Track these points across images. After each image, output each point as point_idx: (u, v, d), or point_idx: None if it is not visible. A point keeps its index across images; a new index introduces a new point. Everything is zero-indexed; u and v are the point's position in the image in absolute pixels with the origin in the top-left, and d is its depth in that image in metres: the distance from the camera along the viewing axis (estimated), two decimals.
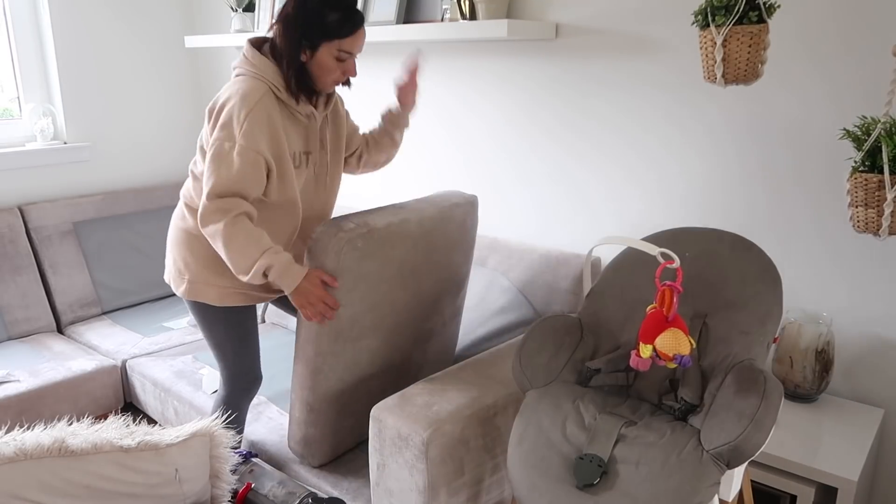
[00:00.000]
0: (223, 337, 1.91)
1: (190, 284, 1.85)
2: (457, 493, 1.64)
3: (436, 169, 2.64)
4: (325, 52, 1.68)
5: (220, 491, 1.58)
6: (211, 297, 1.85)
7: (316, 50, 1.68)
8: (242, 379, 1.95)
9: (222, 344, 1.92)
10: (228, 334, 1.91)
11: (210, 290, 1.85)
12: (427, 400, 1.67)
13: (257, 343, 1.97)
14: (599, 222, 2.25)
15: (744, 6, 1.47)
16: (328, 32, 1.66)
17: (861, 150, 1.47)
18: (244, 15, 2.95)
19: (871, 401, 1.86)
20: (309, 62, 1.70)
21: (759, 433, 1.30)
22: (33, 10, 2.97)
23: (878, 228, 1.46)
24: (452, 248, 1.96)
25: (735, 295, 1.52)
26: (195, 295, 1.85)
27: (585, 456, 1.39)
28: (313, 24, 1.66)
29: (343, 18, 1.66)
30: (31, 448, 1.33)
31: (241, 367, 1.94)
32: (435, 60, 2.54)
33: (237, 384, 1.95)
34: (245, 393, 1.98)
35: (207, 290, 1.85)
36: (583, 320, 1.65)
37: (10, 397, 2.28)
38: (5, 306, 2.71)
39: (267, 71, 1.70)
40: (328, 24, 1.66)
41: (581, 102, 2.20)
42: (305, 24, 1.66)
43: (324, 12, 1.65)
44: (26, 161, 2.92)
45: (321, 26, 1.66)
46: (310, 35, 1.67)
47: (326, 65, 1.70)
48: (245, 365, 1.95)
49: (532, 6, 2.23)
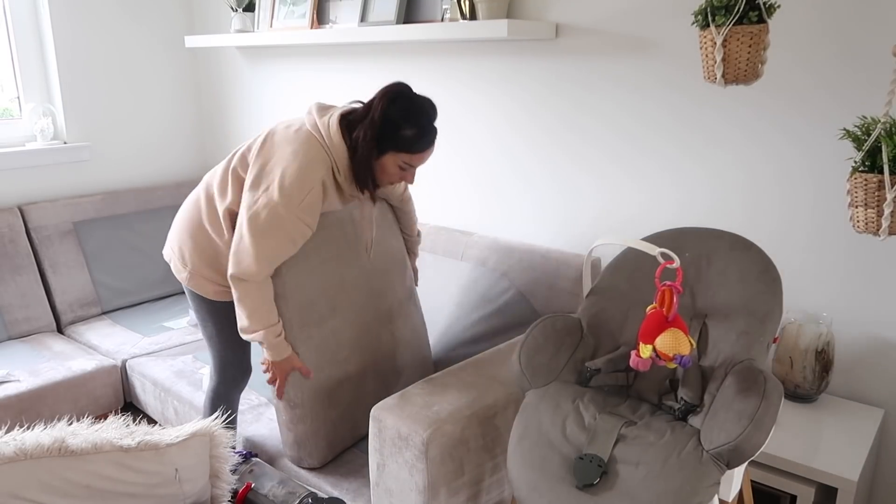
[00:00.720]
0: (215, 329, 1.97)
1: (190, 274, 1.90)
2: (457, 493, 1.64)
3: (436, 169, 2.64)
4: (391, 159, 1.75)
5: (220, 491, 1.58)
6: (208, 292, 1.91)
7: (383, 154, 1.75)
8: (231, 369, 2.01)
9: (214, 335, 1.98)
10: (221, 326, 1.96)
11: (208, 285, 1.90)
12: (427, 400, 1.67)
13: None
14: (599, 222, 2.25)
15: (744, 6, 1.47)
16: (400, 145, 1.73)
17: (861, 150, 1.47)
18: (244, 15, 2.96)
19: (871, 401, 1.86)
20: (374, 161, 1.76)
21: (759, 433, 1.30)
22: (33, 10, 2.97)
23: (877, 228, 1.46)
24: (387, 225, 2.05)
25: (735, 295, 1.52)
26: (195, 286, 1.91)
27: (585, 456, 1.39)
28: (389, 133, 1.72)
29: (417, 135, 1.73)
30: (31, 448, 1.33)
31: (231, 359, 2.00)
32: (435, 60, 2.54)
33: (226, 374, 2.01)
34: (234, 383, 2.03)
35: (206, 285, 1.90)
36: (583, 320, 1.65)
37: (10, 397, 2.28)
38: (5, 306, 2.71)
39: (338, 150, 1.75)
40: (402, 138, 1.72)
41: (581, 102, 2.20)
42: (383, 131, 1.72)
43: (401, 125, 1.72)
44: (26, 161, 2.92)
45: (395, 137, 1.72)
46: (383, 141, 1.73)
47: (388, 170, 1.78)
48: (235, 356, 2.00)
49: (532, 6, 2.23)
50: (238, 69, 3.25)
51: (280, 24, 2.82)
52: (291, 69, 3.02)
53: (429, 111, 1.75)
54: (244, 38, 2.83)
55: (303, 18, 2.73)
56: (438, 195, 2.66)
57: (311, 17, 2.69)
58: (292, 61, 3.01)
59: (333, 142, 1.74)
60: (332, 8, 2.66)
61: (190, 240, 1.89)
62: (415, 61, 2.59)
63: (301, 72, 2.98)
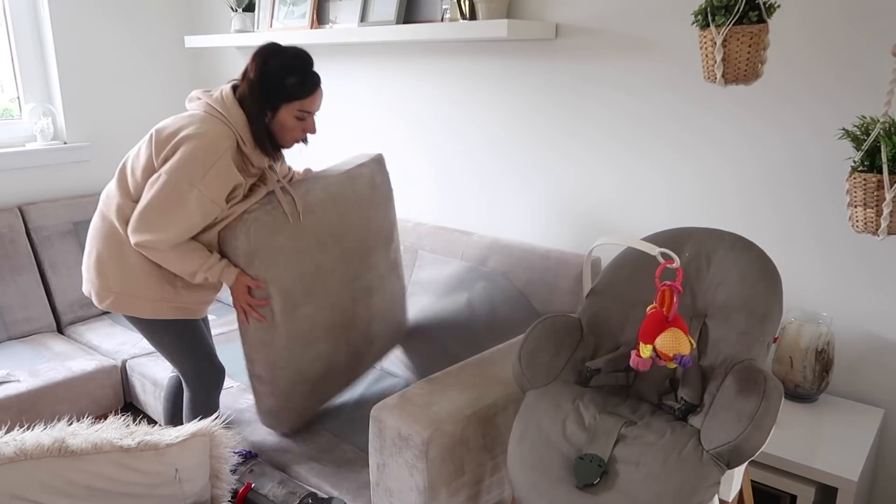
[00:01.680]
0: (172, 342, 1.93)
1: (118, 297, 1.85)
2: (457, 493, 1.64)
3: (436, 169, 2.64)
4: (286, 112, 1.80)
5: (220, 491, 1.58)
6: (145, 311, 1.86)
7: (277, 111, 1.78)
8: (205, 374, 1.98)
9: (174, 348, 1.94)
10: (177, 335, 1.93)
11: (142, 304, 1.86)
12: (427, 400, 1.67)
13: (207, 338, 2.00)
14: (599, 222, 2.25)
15: (744, 6, 1.47)
16: (289, 94, 1.77)
17: (860, 150, 1.47)
18: (244, 15, 2.96)
19: (871, 401, 1.86)
20: (270, 122, 1.79)
21: (759, 433, 1.30)
22: (33, 10, 2.97)
23: (877, 228, 1.46)
24: (367, 206, 2.07)
25: (735, 295, 1.52)
26: (129, 309, 1.86)
27: (585, 456, 1.39)
28: (274, 87, 1.76)
29: (301, 80, 1.78)
30: (31, 448, 1.33)
31: (202, 363, 1.97)
32: (435, 60, 2.54)
33: (202, 380, 1.98)
34: (213, 387, 2.00)
35: (138, 304, 1.85)
36: (583, 320, 1.65)
37: (10, 397, 2.28)
38: (5, 306, 2.71)
39: (238, 121, 1.77)
40: (287, 87, 1.77)
41: (581, 102, 2.20)
42: (267, 88, 1.76)
43: (283, 76, 1.76)
44: (26, 161, 2.92)
45: (281, 89, 1.77)
46: (271, 97, 1.77)
47: (287, 124, 1.81)
48: (205, 359, 1.97)
49: (532, 6, 2.23)
50: (238, 69, 3.25)
51: (280, 24, 2.82)
52: None
53: (304, 56, 1.80)
54: (244, 38, 2.83)
55: (303, 18, 2.73)
56: (438, 195, 2.66)
57: (310, 17, 2.69)
58: None
59: (231, 112, 1.76)
60: (332, 8, 2.66)
61: (117, 264, 1.83)
62: (415, 61, 2.59)
63: None
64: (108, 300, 1.86)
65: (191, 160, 1.70)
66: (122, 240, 1.82)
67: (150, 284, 1.84)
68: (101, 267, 1.86)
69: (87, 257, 1.91)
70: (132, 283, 1.84)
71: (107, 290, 1.86)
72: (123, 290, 1.84)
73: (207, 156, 1.70)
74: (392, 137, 2.75)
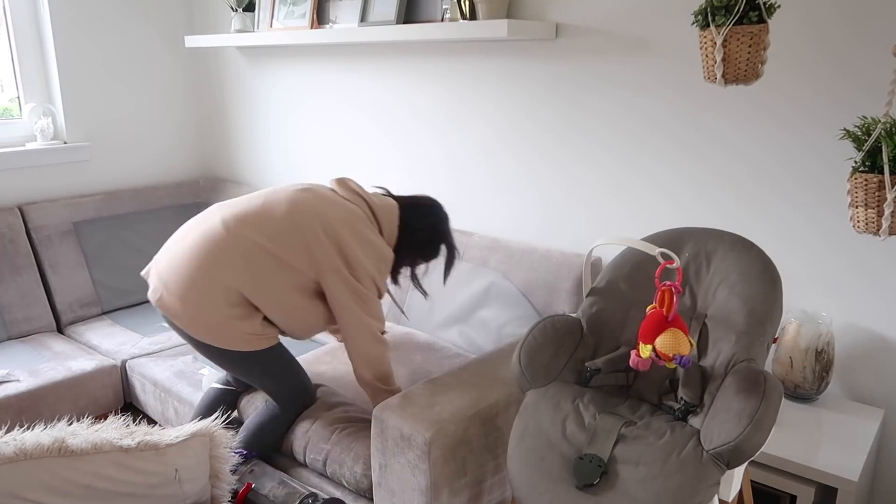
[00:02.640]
0: (279, 367, 1.94)
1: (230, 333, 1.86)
2: (459, 494, 1.64)
3: (435, 169, 2.64)
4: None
5: (220, 491, 1.58)
6: (251, 343, 1.87)
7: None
8: (304, 395, 1.98)
9: (280, 373, 1.94)
10: (284, 360, 1.95)
11: (251, 339, 1.87)
12: (429, 400, 1.67)
13: (293, 361, 2.00)
14: (600, 222, 2.25)
15: (744, 6, 1.47)
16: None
17: (861, 151, 1.47)
18: (244, 15, 2.96)
19: (871, 401, 1.86)
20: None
21: (759, 433, 1.30)
22: (33, 10, 2.97)
23: (878, 229, 1.46)
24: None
25: (735, 295, 1.52)
26: (237, 343, 1.86)
27: (585, 456, 1.39)
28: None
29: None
30: (31, 448, 1.33)
31: (304, 384, 1.99)
32: (435, 60, 2.54)
33: (300, 401, 1.98)
34: (304, 409, 2.00)
35: (246, 339, 1.87)
36: (583, 320, 1.65)
37: (10, 397, 2.28)
38: (5, 306, 2.71)
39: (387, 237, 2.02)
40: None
41: (581, 102, 2.20)
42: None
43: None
44: (26, 161, 2.92)
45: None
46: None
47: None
48: (306, 380, 2.00)
49: (532, 6, 2.23)
50: (238, 69, 3.25)
51: (280, 24, 2.82)
52: (291, 69, 3.02)
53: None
54: (244, 38, 2.83)
55: (303, 18, 2.73)
56: (438, 195, 2.66)
57: (311, 17, 2.69)
58: (292, 61, 3.01)
59: (388, 229, 2.00)
60: (332, 8, 2.66)
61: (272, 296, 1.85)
62: (415, 61, 2.59)
63: (301, 72, 2.98)
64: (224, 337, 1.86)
65: (379, 272, 1.96)
66: (279, 277, 1.89)
67: (244, 317, 1.88)
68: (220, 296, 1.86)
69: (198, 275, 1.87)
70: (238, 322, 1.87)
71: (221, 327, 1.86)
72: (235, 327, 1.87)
73: (384, 273, 1.98)
74: (392, 137, 2.74)
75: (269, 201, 1.90)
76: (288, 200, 1.89)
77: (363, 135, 2.84)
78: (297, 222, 1.85)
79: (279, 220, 1.86)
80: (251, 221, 1.86)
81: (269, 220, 1.86)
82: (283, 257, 1.83)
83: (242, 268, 1.81)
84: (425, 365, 2.18)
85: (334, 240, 1.85)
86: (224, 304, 1.81)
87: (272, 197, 1.92)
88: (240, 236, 1.83)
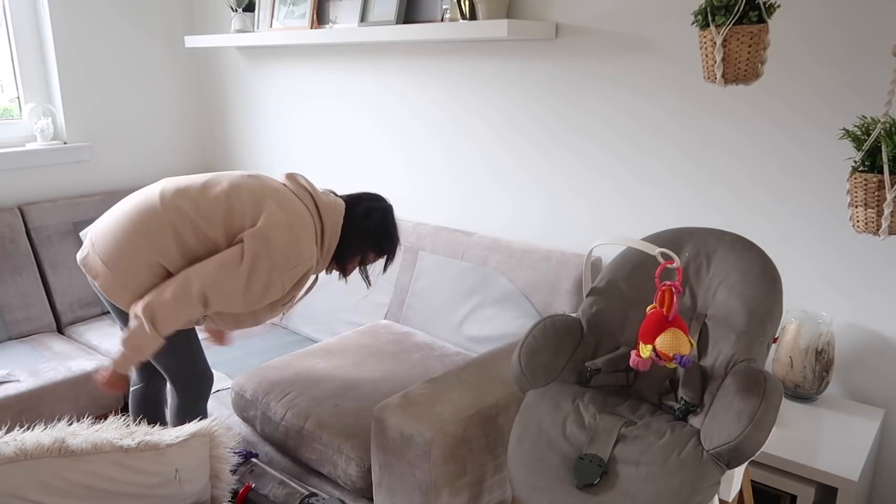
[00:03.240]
0: (179, 348, 1.93)
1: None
2: (459, 493, 1.64)
3: (436, 169, 2.64)
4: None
5: (220, 491, 1.58)
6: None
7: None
8: (196, 383, 1.98)
9: (173, 352, 1.93)
10: (183, 343, 1.93)
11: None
12: (429, 400, 1.67)
13: (199, 346, 2.00)
14: (600, 222, 2.25)
15: (744, 6, 1.47)
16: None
17: (861, 150, 1.47)
18: (244, 15, 2.96)
19: (871, 401, 1.86)
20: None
21: (759, 433, 1.30)
22: (33, 10, 2.97)
23: (877, 228, 1.46)
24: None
25: (735, 295, 1.52)
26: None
27: (585, 456, 1.39)
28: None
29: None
30: (31, 448, 1.33)
31: (195, 367, 1.97)
32: (435, 60, 2.54)
33: (193, 388, 1.98)
34: (203, 394, 2.00)
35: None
36: (583, 320, 1.65)
37: (10, 397, 2.28)
38: (5, 306, 2.71)
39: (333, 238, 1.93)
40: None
41: (581, 102, 2.20)
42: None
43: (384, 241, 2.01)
44: (26, 161, 2.92)
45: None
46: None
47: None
48: (199, 363, 1.98)
49: (532, 6, 2.23)
50: (238, 69, 3.25)
51: (280, 25, 2.82)
52: (291, 69, 3.02)
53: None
54: (244, 38, 2.83)
55: (303, 18, 2.73)
56: (438, 195, 2.66)
57: (311, 17, 2.69)
58: (292, 61, 3.01)
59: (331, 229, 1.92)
60: (332, 8, 2.66)
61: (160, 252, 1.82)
62: (415, 61, 2.59)
63: (301, 72, 2.98)
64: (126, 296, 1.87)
65: (286, 251, 1.84)
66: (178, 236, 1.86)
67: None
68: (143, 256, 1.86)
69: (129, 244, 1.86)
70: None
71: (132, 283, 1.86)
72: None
73: (298, 261, 1.86)
74: (391, 137, 2.75)
75: (211, 180, 1.89)
76: (230, 182, 1.88)
77: (363, 135, 2.84)
78: (231, 202, 1.84)
79: (214, 198, 1.84)
80: (187, 195, 1.85)
81: (204, 196, 1.84)
82: (204, 229, 1.81)
83: (169, 238, 1.80)
84: (425, 364, 2.18)
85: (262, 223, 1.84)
86: (147, 272, 1.80)
87: (218, 177, 1.91)
88: (172, 206, 1.82)
